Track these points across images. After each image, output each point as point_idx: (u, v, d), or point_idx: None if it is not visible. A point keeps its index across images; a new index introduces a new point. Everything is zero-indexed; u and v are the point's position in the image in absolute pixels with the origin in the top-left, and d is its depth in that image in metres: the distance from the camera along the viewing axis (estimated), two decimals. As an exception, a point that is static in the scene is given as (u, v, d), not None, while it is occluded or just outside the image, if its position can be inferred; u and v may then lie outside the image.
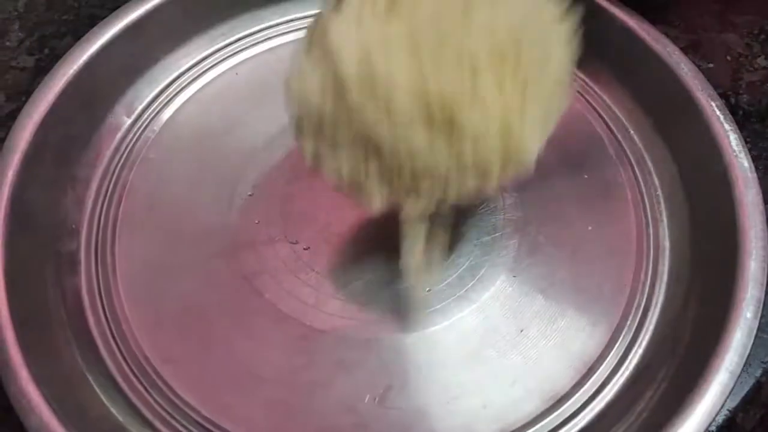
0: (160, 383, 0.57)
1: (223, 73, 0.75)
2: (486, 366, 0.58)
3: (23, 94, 0.77)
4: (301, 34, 0.77)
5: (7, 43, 0.81)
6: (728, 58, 0.78)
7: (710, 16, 0.81)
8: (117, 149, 0.69)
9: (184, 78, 0.75)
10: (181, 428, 0.56)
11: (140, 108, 0.72)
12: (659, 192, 0.67)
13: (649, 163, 0.69)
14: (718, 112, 0.64)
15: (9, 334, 0.53)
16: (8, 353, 0.52)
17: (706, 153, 0.63)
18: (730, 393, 0.52)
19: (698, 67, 0.68)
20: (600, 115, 0.72)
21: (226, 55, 0.77)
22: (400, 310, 0.60)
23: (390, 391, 0.57)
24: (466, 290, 0.61)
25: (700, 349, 0.55)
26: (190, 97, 0.74)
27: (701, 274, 0.61)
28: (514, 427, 0.56)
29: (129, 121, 0.71)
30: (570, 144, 0.69)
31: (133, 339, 0.59)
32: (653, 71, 0.68)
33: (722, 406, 0.52)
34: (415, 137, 0.37)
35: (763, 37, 0.79)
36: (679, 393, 0.53)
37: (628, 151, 0.70)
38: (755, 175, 0.61)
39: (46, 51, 0.81)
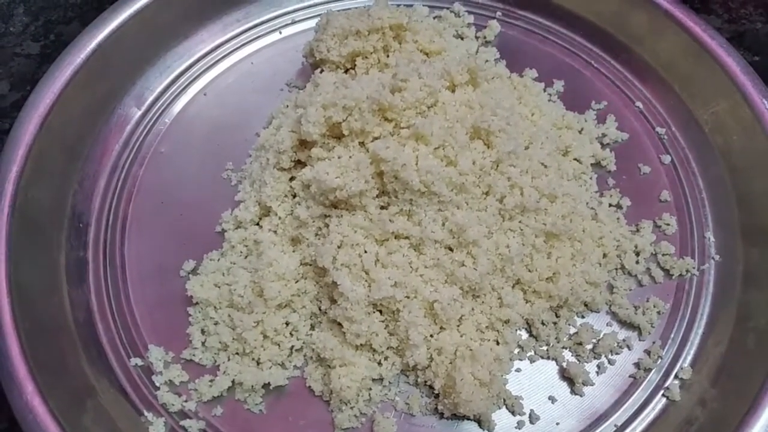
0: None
1: (238, 62, 0.71)
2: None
3: (28, 82, 0.73)
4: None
5: (11, 29, 0.77)
6: (775, 50, 0.73)
7: (755, 5, 0.76)
8: (126, 143, 0.66)
9: (196, 67, 0.70)
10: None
11: (151, 99, 0.68)
12: (704, 194, 0.63)
13: (693, 163, 0.65)
14: (770, 111, 0.60)
15: (13, 344, 0.50)
16: (13, 365, 0.49)
17: (758, 154, 0.59)
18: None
19: (744, 60, 0.63)
20: (639, 110, 0.68)
21: (240, 43, 0.72)
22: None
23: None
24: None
25: (751, 369, 0.52)
26: (203, 88, 0.70)
27: (752, 287, 0.57)
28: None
29: (139, 113, 0.67)
30: (606, 141, 0.65)
31: (146, 348, 0.56)
32: (700, 64, 0.64)
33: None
34: None
35: (811, 28, 0.74)
36: (730, 414, 0.50)
37: (669, 150, 0.65)
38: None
39: (52, 37, 0.77)
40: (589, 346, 0.56)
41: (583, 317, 0.57)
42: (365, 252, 0.54)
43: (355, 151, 0.56)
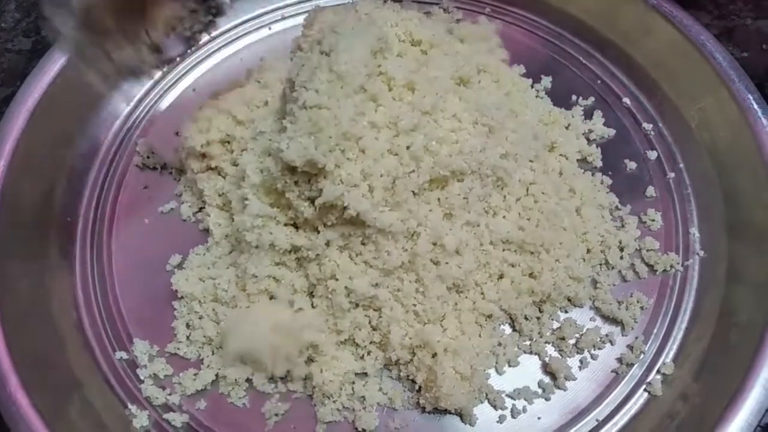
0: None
1: (227, 58, 0.72)
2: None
3: (19, 78, 0.73)
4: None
5: (3, 25, 0.77)
6: (764, 46, 0.73)
7: (744, 1, 0.76)
8: (114, 138, 0.66)
9: (185, 63, 0.71)
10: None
11: (139, 95, 0.68)
12: (689, 191, 0.63)
13: (679, 159, 0.64)
14: (756, 107, 0.59)
15: (-3, 338, 0.50)
16: (-3, 358, 0.50)
17: (744, 149, 0.59)
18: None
19: (732, 56, 0.63)
20: (626, 106, 0.67)
21: (229, 39, 0.73)
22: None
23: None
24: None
25: (733, 365, 0.52)
26: (192, 84, 0.70)
27: (735, 283, 0.57)
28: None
29: (127, 109, 0.68)
30: (593, 137, 0.65)
31: (131, 342, 0.56)
32: (687, 61, 0.64)
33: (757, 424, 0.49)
34: None
35: (801, 24, 0.74)
36: (711, 409, 0.50)
37: (656, 146, 0.65)
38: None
39: (44, 33, 0.77)
40: (572, 341, 0.56)
41: (566, 312, 0.57)
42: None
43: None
